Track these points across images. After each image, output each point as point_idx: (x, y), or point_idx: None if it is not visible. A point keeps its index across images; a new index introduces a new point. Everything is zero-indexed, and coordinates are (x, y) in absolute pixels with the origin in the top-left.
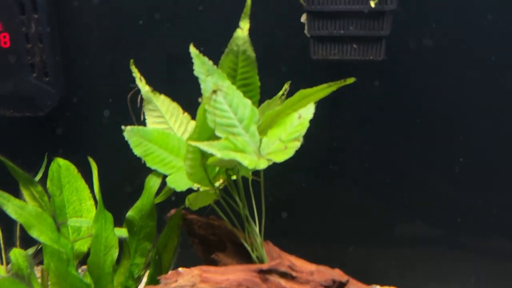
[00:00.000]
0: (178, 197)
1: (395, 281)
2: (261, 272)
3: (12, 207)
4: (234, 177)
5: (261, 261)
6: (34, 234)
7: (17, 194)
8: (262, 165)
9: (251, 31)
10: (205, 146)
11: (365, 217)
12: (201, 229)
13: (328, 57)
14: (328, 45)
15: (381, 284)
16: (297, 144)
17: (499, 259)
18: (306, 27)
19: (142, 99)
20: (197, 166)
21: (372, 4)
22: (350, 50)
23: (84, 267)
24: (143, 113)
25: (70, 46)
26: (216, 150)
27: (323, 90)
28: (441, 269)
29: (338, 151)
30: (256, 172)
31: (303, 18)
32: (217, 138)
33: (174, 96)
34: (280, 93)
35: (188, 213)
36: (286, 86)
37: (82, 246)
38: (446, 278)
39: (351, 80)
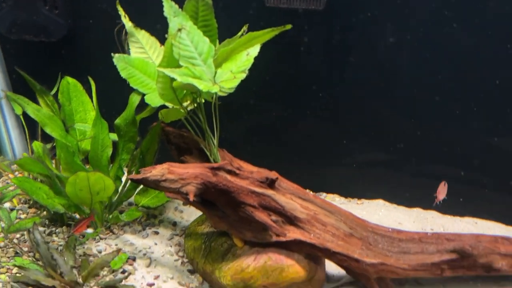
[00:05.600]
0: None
1: (338, 190)
2: (212, 168)
3: (31, 109)
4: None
5: (216, 162)
6: (47, 130)
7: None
8: (215, 89)
9: None
10: (169, 71)
11: (317, 139)
12: (175, 138)
13: (279, 5)
14: None
15: (327, 192)
16: (243, 75)
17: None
18: None
19: (126, 32)
20: (167, 89)
21: None
22: (296, 0)
23: None
24: (127, 44)
25: None
26: (177, 75)
27: (268, 33)
28: (379, 184)
29: (302, 87)
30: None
31: None
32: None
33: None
34: (239, 33)
35: (166, 126)
36: (245, 28)
37: (87, 145)
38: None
39: (289, 27)
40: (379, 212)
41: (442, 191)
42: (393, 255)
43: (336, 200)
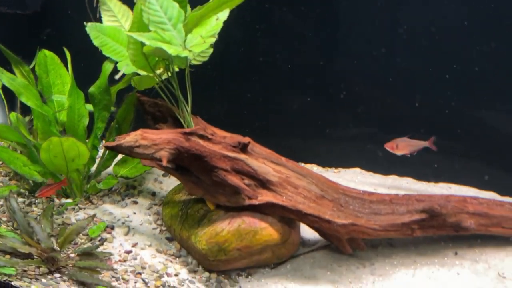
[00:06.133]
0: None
1: (318, 161)
2: (185, 134)
3: (6, 78)
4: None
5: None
6: (23, 99)
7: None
8: (185, 54)
9: None
10: (137, 35)
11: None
12: (151, 107)
13: None
14: None
15: (306, 162)
16: (213, 40)
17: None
18: None
19: (98, 1)
20: (138, 55)
21: None
22: None
23: None
24: (99, 12)
25: None
26: (146, 39)
27: None
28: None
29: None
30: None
31: None
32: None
33: None
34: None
35: (142, 95)
36: None
37: (65, 117)
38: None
39: None
40: (355, 179)
41: (402, 146)
42: (364, 216)
43: (314, 169)
